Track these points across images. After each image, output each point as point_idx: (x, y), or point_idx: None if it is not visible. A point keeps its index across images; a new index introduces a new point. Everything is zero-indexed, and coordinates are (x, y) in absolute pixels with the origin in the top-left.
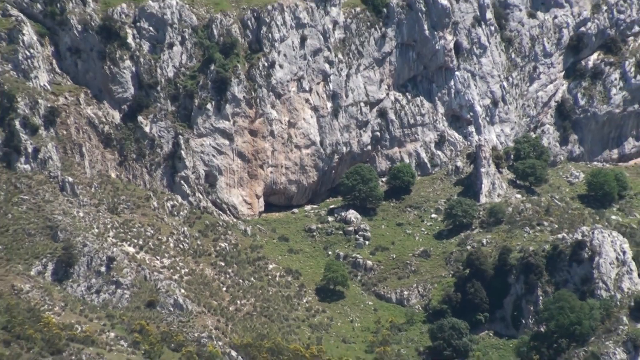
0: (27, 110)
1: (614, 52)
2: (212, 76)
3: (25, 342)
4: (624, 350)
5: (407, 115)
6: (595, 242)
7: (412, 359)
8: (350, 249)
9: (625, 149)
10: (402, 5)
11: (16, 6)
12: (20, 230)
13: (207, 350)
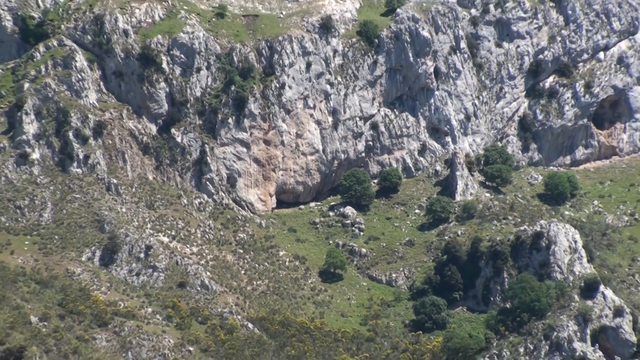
0: (79, 123)
1: (566, 75)
2: (233, 95)
3: (77, 316)
4: (575, 323)
5: (394, 128)
6: (552, 233)
7: (399, 330)
8: (348, 239)
9: (576, 156)
10: (390, 37)
11: (70, 37)
12: (73, 223)
13: (229, 322)
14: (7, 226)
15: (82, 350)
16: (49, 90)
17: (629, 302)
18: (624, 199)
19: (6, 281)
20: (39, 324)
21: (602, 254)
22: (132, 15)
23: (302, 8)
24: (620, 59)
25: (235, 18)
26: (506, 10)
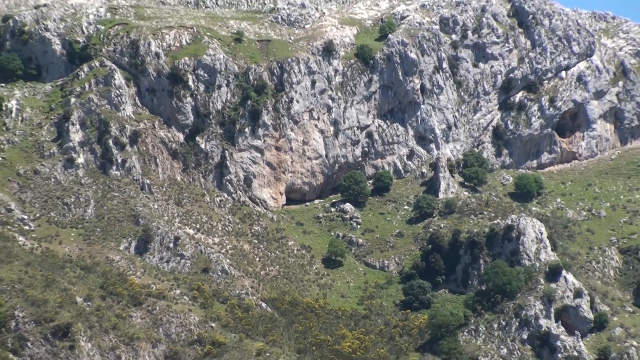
0: (117, 132)
1: (533, 91)
2: (249, 109)
3: (116, 297)
4: (541, 303)
5: (387, 136)
6: (521, 226)
7: (391, 309)
8: (347, 231)
9: (542, 160)
10: (383, 58)
11: (110, 59)
12: (112, 217)
13: (245, 302)
14: (56, 220)
15: (120, 326)
16: (92, 104)
17: (587, 285)
18: (582, 197)
19: (55, 267)
20: (84, 303)
21: (563, 244)
22: (163, 40)
23: (307, 34)
24: (579, 77)
25: (251, 43)
26: (482, 35)
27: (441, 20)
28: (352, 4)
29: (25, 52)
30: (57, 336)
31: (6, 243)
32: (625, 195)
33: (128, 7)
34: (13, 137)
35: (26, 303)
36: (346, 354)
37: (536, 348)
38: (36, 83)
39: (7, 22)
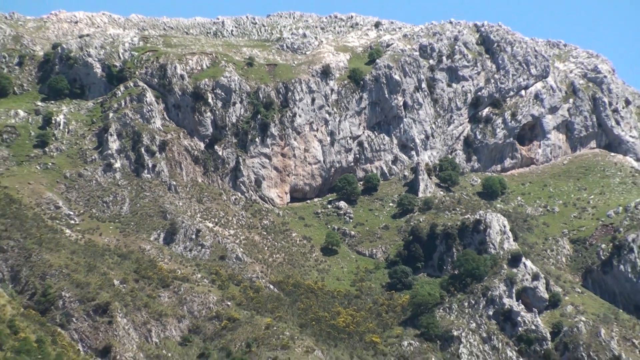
0: (148, 142)
1: (498, 107)
2: (259, 122)
3: (147, 280)
4: (504, 285)
5: (375, 145)
6: (487, 220)
7: (378, 290)
8: (341, 224)
9: (505, 165)
10: (371, 79)
11: (142, 80)
12: (144, 213)
13: (256, 284)
14: (97, 215)
15: (150, 304)
16: (127, 118)
17: (542, 270)
18: (539, 195)
19: (96, 255)
20: (120, 285)
21: (523, 235)
22: (187, 64)
23: (308, 59)
24: (537, 95)
25: (261, 66)
26: (454, 60)
27: (420, 47)
28: (346, 34)
29: (71, 74)
30: (97, 313)
31: (55, 235)
32: (575, 194)
33: (157, 36)
34: (61, 145)
35: (71, 285)
36: (341, 328)
37: (500, 323)
38: (80, 100)
39: (56, 49)
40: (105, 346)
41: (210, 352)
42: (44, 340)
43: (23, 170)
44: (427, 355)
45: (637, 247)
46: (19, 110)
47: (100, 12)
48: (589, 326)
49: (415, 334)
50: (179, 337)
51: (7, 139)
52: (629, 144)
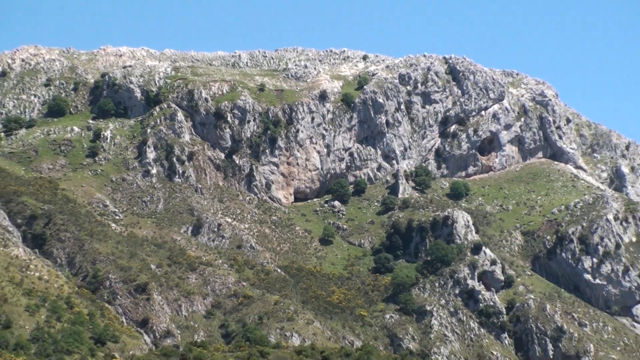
0: (179, 152)
1: (463, 124)
2: (268, 136)
3: (178, 265)
4: (468, 269)
5: (363, 155)
6: (454, 216)
7: (365, 273)
8: (335, 219)
9: (469, 171)
10: (360, 102)
11: (174, 102)
12: (175, 210)
13: (266, 268)
14: (137, 212)
15: (181, 284)
16: (161, 133)
17: (499, 257)
18: (496, 196)
19: (136, 244)
20: (156, 269)
21: (483, 229)
22: (210, 89)
23: (309, 85)
24: (494, 115)
25: (270, 91)
26: (427, 86)
27: (400, 76)
28: (339, 65)
29: (116, 98)
30: (137, 291)
31: (103, 228)
32: (525, 195)
33: (186, 67)
34: (108, 155)
35: (116, 269)
36: (335, 304)
37: (464, 300)
38: (123, 119)
39: (104, 78)
40: (144, 318)
41: (229, 324)
42: (94, 313)
43: (77, 176)
44: (405, 326)
45: (576, 239)
46: (74, 127)
47: (140, 47)
48: (536, 302)
49: (395, 309)
50: (204, 311)
51: (64, 150)
52: (569, 154)
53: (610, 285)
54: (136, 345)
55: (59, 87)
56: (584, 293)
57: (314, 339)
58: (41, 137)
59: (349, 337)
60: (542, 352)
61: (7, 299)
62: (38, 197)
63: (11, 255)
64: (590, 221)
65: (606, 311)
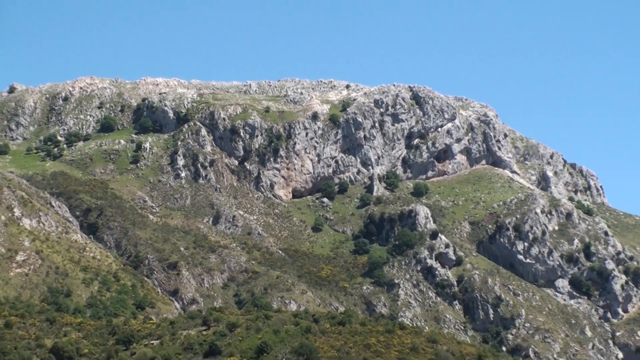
0: (202, 160)
1: (423, 138)
2: (272, 147)
3: (201, 248)
4: (427, 251)
5: (345, 162)
6: (417, 210)
7: (347, 254)
8: (324, 212)
9: (428, 175)
10: (344, 121)
11: (199, 120)
12: (199, 205)
13: (270, 250)
14: (170, 206)
15: (204, 262)
16: (189, 145)
17: (451, 241)
18: (449, 194)
19: (169, 231)
20: (184, 251)
21: (439, 219)
22: (227, 111)
23: (304, 108)
24: (448, 131)
25: (274, 113)
26: (396, 109)
27: (374, 101)
28: (327, 92)
29: (153, 117)
30: (170, 268)
31: (143, 219)
32: (472, 193)
33: (208, 93)
34: (147, 162)
35: (153, 250)
36: (324, 278)
37: (424, 275)
38: (159, 134)
39: (144, 102)
40: (175, 289)
41: (241, 293)
42: (135, 285)
43: (123, 178)
44: (378, 295)
45: (511, 227)
46: (120, 140)
47: (173, 77)
48: (480, 277)
49: (370, 282)
50: (222, 283)
51: (113, 157)
52: (506, 162)
53: (538, 264)
54: (168, 310)
55: (109, 109)
56: (517, 270)
57: (307, 305)
58: (95, 148)
59: (334, 304)
60: (485, 316)
61: (68, 274)
62: (92, 195)
63: (71, 240)
64: (522, 214)
65: (534, 284)
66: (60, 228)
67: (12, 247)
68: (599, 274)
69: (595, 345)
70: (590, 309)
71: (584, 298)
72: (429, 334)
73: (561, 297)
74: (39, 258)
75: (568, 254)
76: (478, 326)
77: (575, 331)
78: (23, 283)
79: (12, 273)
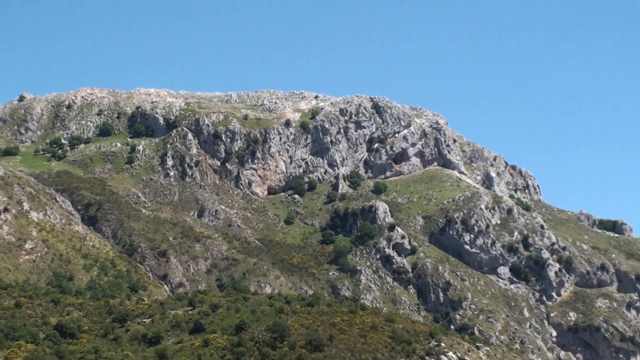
0: (189, 161)
1: (383, 143)
2: (250, 150)
3: (187, 238)
4: (385, 241)
5: (314, 163)
6: (377, 205)
7: (316, 243)
8: (296, 207)
9: (386, 175)
10: (313, 127)
11: (186, 127)
12: (186, 200)
13: (248, 240)
14: (160, 202)
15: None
16: (177, 148)
17: (407, 233)
18: (405, 192)
19: (159, 223)
20: (173, 240)
21: (396, 214)
22: (210, 118)
23: (278, 116)
24: (404, 137)
25: (252, 119)
26: (359, 117)
27: (340, 109)
28: (299, 102)
29: (146, 123)
30: (160, 255)
31: (137, 212)
32: (425, 191)
33: (194, 102)
34: (140, 162)
35: (146, 240)
36: (295, 265)
37: (383, 262)
38: (151, 138)
39: (138, 109)
40: (164, 274)
41: (222, 278)
42: (130, 270)
43: (119, 177)
44: (342, 280)
45: (459, 221)
46: (117, 143)
47: (163, 88)
48: (432, 264)
49: (336, 269)
50: (205, 269)
51: (110, 158)
52: (455, 164)
53: (482, 253)
54: (159, 292)
55: (107, 115)
56: (464, 258)
57: (280, 289)
58: (94, 150)
59: (304, 288)
60: (436, 298)
61: (70, 260)
62: (92, 191)
63: (73, 230)
64: (469, 209)
65: (479, 271)
66: (64, 220)
67: (22, 237)
68: (536, 262)
69: (532, 325)
70: (527, 293)
71: (523, 283)
72: (387, 314)
73: (502, 283)
74: (45, 246)
75: (509, 244)
76: (430, 307)
77: (515, 312)
78: (31, 268)
79: (21, 259)
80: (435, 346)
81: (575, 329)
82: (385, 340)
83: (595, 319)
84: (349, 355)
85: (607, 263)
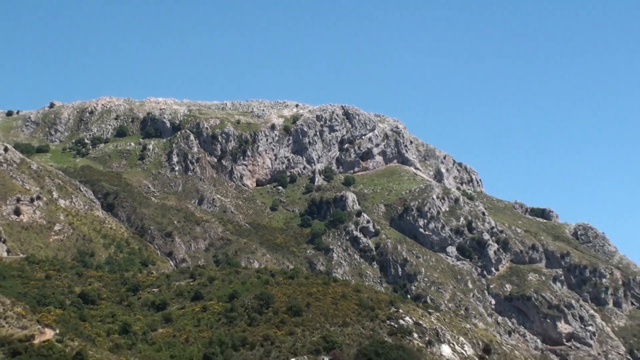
0: (191, 157)
1: (352, 144)
2: (242, 149)
3: (189, 221)
4: (354, 224)
5: (295, 161)
6: (347, 195)
7: (296, 227)
8: (280, 197)
9: (355, 170)
10: (294, 131)
11: (188, 129)
12: (188, 190)
13: (239, 223)
14: (166, 191)
15: (191, 232)
16: (181, 146)
17: (372, 218)
18: (370, 185)
19: (166, 209)
20: (177, 223)
21: (363, 202)
22: (209, 122)
23: (265, 121)
24: (369, 138)
25: (243, 124)
26: (332, 122)
27: (317, 116)
28: (282, 109)
29: (155, 126)
30: (167, 236)
31: (147, 200)
32: (387, 184)
33: (196, 109)
34: (150, 159)
35: (155, 222)
36: (278, 244)
37: (352, 242)
38: (159, 139)
39: (149, 115)
40: (170, 252)
41: (218, 255)
42: (141, 248)
43: (133, 171)
44: (318, 257)
45: (415, 209)
46: (131, 143)
47: (169, 97)
48: (392, 244)
49: (312, 248)
50: (204, 247)
51: (125, 155)
52: (411, 161)
53: (434, 235)
54: (165, 267)
55: (122, 120)
56: (419, 239)
57: (266, 264)
58: (112, 148)
59: (286, 263)
60: (395, 272)
61: (92, 240)
62: (110, 183)
63: (94, 215)
64: (423, 199)
65: (431, 250)
66: (87, 206)
67: (51, 220)
68: (478, 243)
69: (475, 294)
70: (471, 268)
71: (467, 260)
72: (355, 285)
73: (450, 260)
74: (71, 228)
75: (456, 228)
76: (390, 280)
77: (461, 284)
78: (59, 246)
79: (51, 239)
80: (395, 312)
81: (511, 298)
82: (353, 307)
83: (527, 290)
84: (322, 319)
85: (537, 244)
